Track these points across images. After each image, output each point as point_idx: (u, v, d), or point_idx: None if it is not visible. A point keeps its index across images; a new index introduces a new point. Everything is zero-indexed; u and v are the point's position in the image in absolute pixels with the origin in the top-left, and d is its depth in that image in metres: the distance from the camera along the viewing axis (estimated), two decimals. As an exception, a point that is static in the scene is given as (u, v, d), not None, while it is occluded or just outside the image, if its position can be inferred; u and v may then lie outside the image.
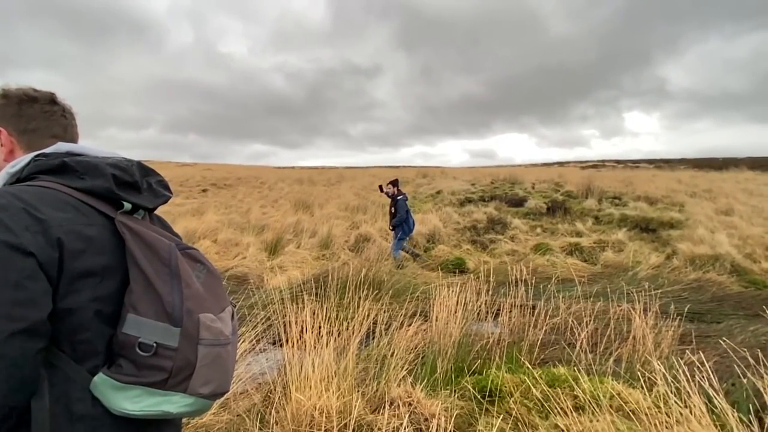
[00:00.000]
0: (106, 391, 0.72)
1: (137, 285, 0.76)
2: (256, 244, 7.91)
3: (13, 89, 0.91)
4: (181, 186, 22.36)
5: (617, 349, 2.78)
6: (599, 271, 6.48)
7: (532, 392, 2.18)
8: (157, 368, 0.73)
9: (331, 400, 1.77)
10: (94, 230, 0.76)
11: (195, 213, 11.75)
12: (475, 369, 2.46)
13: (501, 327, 3.12)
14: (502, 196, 14.67)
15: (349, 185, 22.11)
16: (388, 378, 2.07)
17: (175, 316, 0.75)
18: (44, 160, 0.82)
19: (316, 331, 2.24)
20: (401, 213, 6.67)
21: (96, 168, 0.81)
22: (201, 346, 0.77)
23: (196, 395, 0.77)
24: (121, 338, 0.74)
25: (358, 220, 10.42)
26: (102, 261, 0.76)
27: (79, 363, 0.72)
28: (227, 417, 1.96)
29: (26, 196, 0.73)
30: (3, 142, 0.89)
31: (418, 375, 2.40)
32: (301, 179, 27.17)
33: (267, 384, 2.17)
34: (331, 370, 1.95)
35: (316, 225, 9.54)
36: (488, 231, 9.64)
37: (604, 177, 19.62)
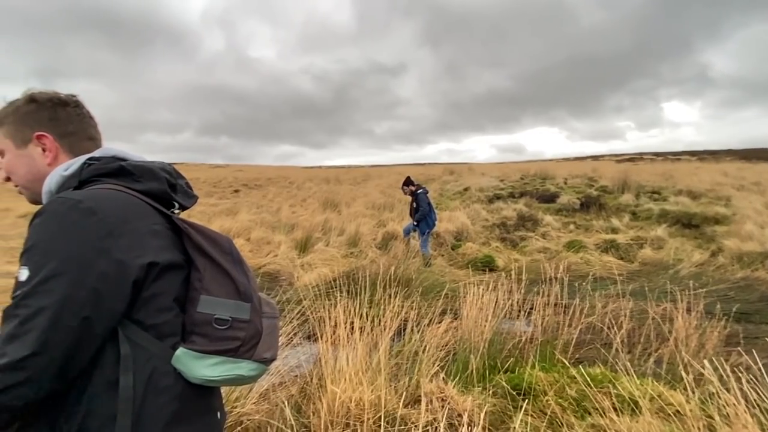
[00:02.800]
0: (188, 362, 0.80)
1: (207, 271, 0.85)
2: (287, 242, 8.14)
3: (39, 94, 0.92)
4: (215, 187, 23.25)
5: (657, 350, 2.68)
6: (637, 269, 6.21)
7: (566, 391, 2.15)
8: (231, 338, 0.82)
9: (365, 393, 1.83)
10: (160, 228, 0.84)
11: (228, 213, 12.23)
12: (508, 367, 2.45)
13: (533, 326, 3.08)
14: (532, 192, 14.30)
15: (375, 183, 22.22)
16: (420, 373, 2.10)
17: (247, 294, 0.85)
18: (99, 164, 0.87)
19: (349, 327, 2.31)
20: (423, 206, 6.64)
21: (151, 171, 0.89)
22: (264, 318, 0.88)
23: (260, 360, 0.86)
24: (196, 317, 0.82)
25: (385, 218, 10.49)
26: (171, 254, 0.84)
27: (161, 341, 0.81)
28: (267, 406, 2.06)
29: (107, 198, 0.79)
30: (49, 147, 0.90)
31: (449, 372, 2.42)
32: (328, 178, 27.60)
33: (303, 376, 2.26)
34: (364, 365, 2.01)
35: (343, 223, 9.68)
36: (518, 228, 9.44)
37: (642, 170, 18.69)
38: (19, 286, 0.71)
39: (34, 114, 0.89)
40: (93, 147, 0.94)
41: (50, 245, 0.72)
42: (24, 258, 0.72)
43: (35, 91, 0.91)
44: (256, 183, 25.44)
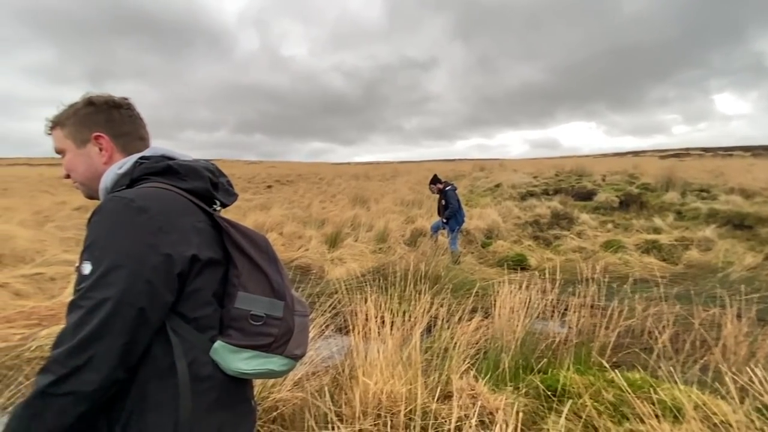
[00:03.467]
0: (225, 355, 0.86)
1: (244, 268, 0.89)
2: (318, 237, 8.32)
3: (96, 97, 0.97)
4: (249, 183, 24.06)
5: (703, 357, 2.54)
6: (681, 272, 5.87)
7: (603, 395, 2.10)
8: (265, 334, 0.87)
9: (396, 386, 1.86)
10: (203, 226, 0.89)
11: (262, 207, 12.64)
12: (540, 368, 2.41)
13: (568, 327, 3.00)
14: (568, 189, 13.79)
15: (404, 180, 22.20)
16: (450, 370, 2.11)
17: (280, 292, 0.90)
18: (149, 163, 0.92)
19: (379, 321, 2.35)
20: (453, 203, 6.57)
21: (195, 171, 0.93)
22: (296, 316, 0.92)
23: (291, 356, 0.91)
24: (234, 312, 0.87)
25: (414, 215, 10.47)
26: (212, 250, 0.89)
27: (201, 333, 0.86)
28: (301, 394, 2.15)
29: (157, 197, 0.84)
30: (105, 147, 0.95)
31: (480, 369, 2.41)
32: (357, 175, 27.85)
33: (335, 367, 2.33)
34: (395, 358, 2.05)
35: (372, 219, 9.77)
36: (552, 226, 9.15)
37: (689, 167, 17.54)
38: (83, 279, 0.77)
39: (92, 116, 0.95)
40: (143, 146, 0.99)
41: (108, 241, 0.78)
42: (86, 253, 0.78)
43: (93, 95, 0.97)
44: (288, 179, 26.10)
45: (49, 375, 0.73)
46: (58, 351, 0.74)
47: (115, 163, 0.93)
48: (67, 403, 0.73)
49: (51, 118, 0.97)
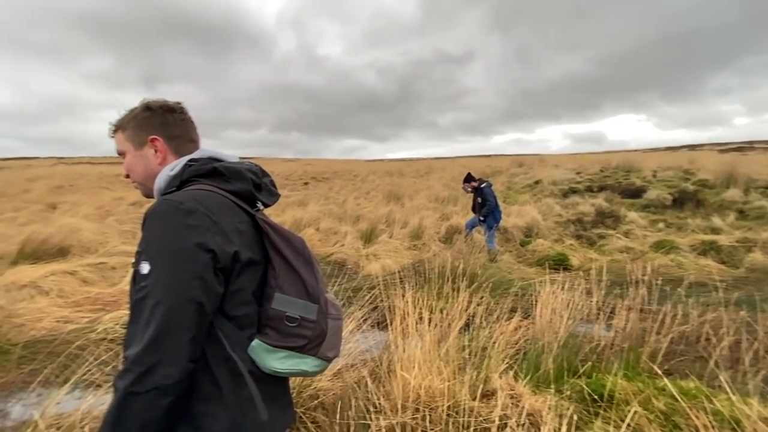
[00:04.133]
0: (260, 353, 0.90)
1: (281, 270, 0.93)
2: (353, 233, 8.46)
3: (153, 102, 1.04)
4: (287, 180, 24.80)
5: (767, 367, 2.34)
6: (743, 276, 5.40)
7: (653, 403, 1.99)
8: (299, 336, 0.91)
9: (434, 381, 1.88)
10: (245, 227, 0.94)
11: (299, 204, 13.02)
12: (584, 372, 2.32)
13: (615, 331, 2.87)
14: (614, 186, 13.07)
15: (438, 176, 21.98)
16: (489, 368, 2.09)
17: (315, 295, 0.93)
18: (197, 165, 0.97)
19: (417, 317, 2.37)
20: (490, 200, 6.43)
21: (239, 173, 0.97)
22: (329, 320, 0.95)
23: (324, 358, 0.94)
24: (270, 312, 0.91)
25: (449, 212, 10.36)
26: (252, 251, 0.93)
27: (241, 331, 0.90)
28: (340, 384, 2.22)
29: (204, 199, 0.88)
30: (159, 149, 1.01)
31: (519, 370, 2.37)
32: (391, 171, 27.90)
33: (373, 360, 2.38)
34: (433, 354, 2.06)
35: (406, 216, 9.78)
36: (596, 225, 8.72)
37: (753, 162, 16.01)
38: (143, 278, 0.82)
39: (149, 120, 1.01)
40: (193, 148, 1.05)
41: (162, 242, 0.83)
42: (143, 254, 0.83)
43: (150, 100, 1.04)
44: (324, 176, 26.62)
45: (130, 375, 0.78)
46: (134, 351, 0.79)
47: (169, 164, 0.99)
48: (152, 398, 0.78)
49: (113, 122, 1.04)
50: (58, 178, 20.67)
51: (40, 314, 4.19)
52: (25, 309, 4.23)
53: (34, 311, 4.22)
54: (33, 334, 3.78)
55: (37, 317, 4.13)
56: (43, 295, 4.70)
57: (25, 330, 3.83)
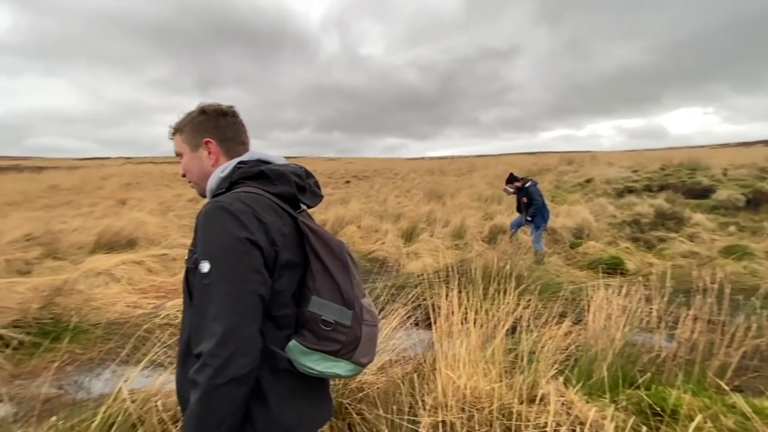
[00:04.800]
0: (296, 354, 0.94)
1: (318, 273, 0.96)
2: (393, 231, 8.50)
3: (208, 106, 1.08)
4: (329, 178, 25.37)
5: None
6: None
7: (721, 420, 1.83)
8: (333, 340, 0.93)
9: (480, 382, 1.85)
10: (287, 229, 0.96)
11: (341, 201, 13.30)
12: (642, 383, 2.18)
13: (677, 342, 2.66)
14: (677, 185, 12.05)
15: (481, 174, 21.45)
16: (537, 373, 2.03)
17: (349, 301, 0.95)
18: (246, 168, 1.01)
19: (462, 316, 2.35)
20: (537, 199, 6.17)
21: (283, 176, 1.01)
22: (364, 326, 0.96)
23: (357, 363, 0.96)
24: (307, 315, 0.94)
25: (492, 211, 10.09)
26: (293, 253, 0.97)
27: (279, 330, 0.94)
28: (384, 379, 2.25)
29: (251, 202, 0.93)
30: (212, 151, 1.06)
31: (569, 377, 2.27)
32: (432, 169, 27.64)
33: (417, 358, 2.40)
34: (478, 355, 2.03)
35: (448, 215, 9.66)
36: (656, 227, 8.10)
37: None
38: (204, 276, 0.86)
39: (204, 123, 1.06)
40: (243, 150, 1.09)
41: (217, 241, 0.87)
42: (202, 254, 0.88)
43: (205, 104, 1.08)
44: (364, 174, 26.94)
45: (208, 369, 0.81)
46: (207, 346, 0.82)
47: (221, 166, 1.04)
48: (232, 388, 0.82)
49: (172, 124, 1.10)
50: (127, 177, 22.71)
51: (113, 299, 4.65)
52: (101, 294, 4.72)
53: (109, 296, 4.70)
54: (108, 316, 4.21)
55: (111, 302, 4.58)
56: (115, 282, 5.20)
57: (101, 312, 4.27)
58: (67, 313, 3.99)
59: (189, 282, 0.95)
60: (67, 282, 4.58)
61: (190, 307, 0.94)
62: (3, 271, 5.83)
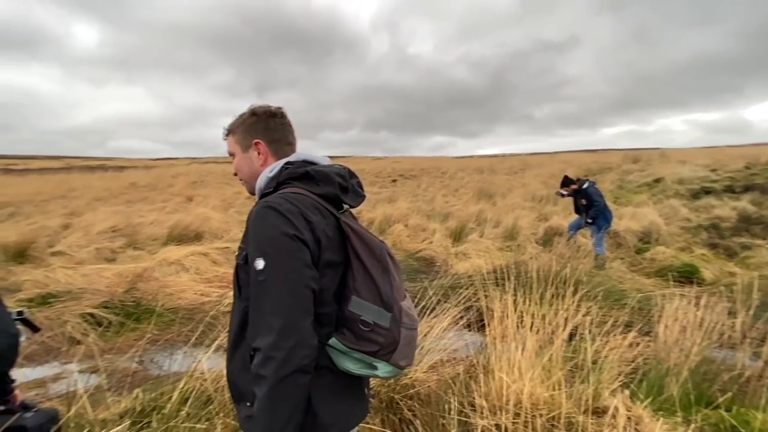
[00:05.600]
0: (336, 352, 0.96)
1: (359, 274, 0.97)
2: (441, 230, 8.42)
3: (258, 108, 1.11)
4: (376, 177, 25.65)
5: None
6: None
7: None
8: (372, 341, 0.94)
9: (537, 388, 1.80)
10: (330, 230, 0.98)
11: (388, 200, 13.41)
12: (722, 404, 1.98)
13: (765, 361, 2.38)
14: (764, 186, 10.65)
15: (535, 173, 20.49)
16: (599, 383, 1.92)
17: (388, 303, 0.95)
18: (292, 168, 1.03)
19: (517, 320, 2.28)
20: (598, 200, 5.77)
21: (327, 176, 1.02)
22: (403, 329, 0.96)
23: (396, 365, 0.97)
24: (347, 314, 0.96)
25: (548, 212, 9.62)
26: (335, 253, 0.99)
27: (320, 328, 0.95)
28: (435, 378, 2.26)
29: (298, 202, 0.95)
30: (262, 152, 1.09)
31: (635, 391, 2.12)
32: (481, 168, 26.91)
33: (469, 359, 2.37)
34: (534, 360, 1.97)
35: (499, 215, 9.36)
36: (739, 232, 7.24)
37: None
38: (260, 273, 0.89)
39: (255, 124, 1.09)
40: (290, 151, 1.11)
41: (269, 239, 0.90)
42: (256, 251, 0.91)
43: (255, 106, 1.12)
44: (411, 173, 26.89)
45: (273, 362, 0.84)
46: (268, 341, 0.86)
47: (269, 166, 1.07)
48: (297, 379, 0.85)
49: (226, 126, 1.15)
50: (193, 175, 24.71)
51: (183, 287, 5.10)
52: (173, 282, 5.20)
53: (179, 284, 5.16)
54: (179, 302, 4.63)
55: (181, 289, 5.03)
56: (185, 272, 5.70)
57: (173, 298, 4.71)
58: (146, 297, 4.46)
59: (239, 277, 0.99)
60: (146, 270, 5.11)
61: (239, 300, 0.99)
62: (94, 258, 6.64)
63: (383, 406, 2.14)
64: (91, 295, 4.34)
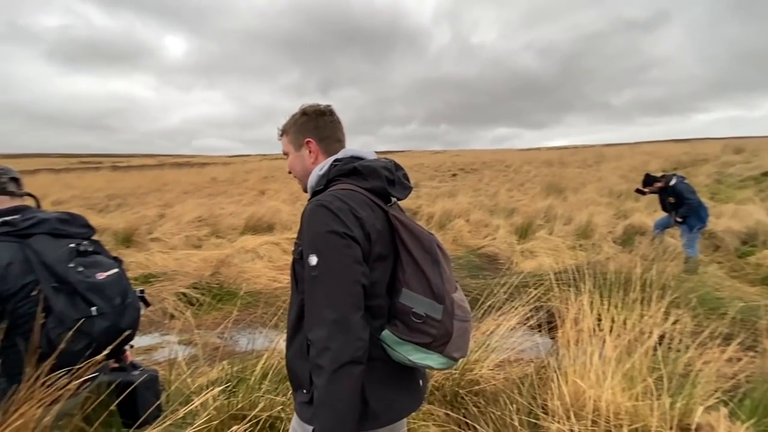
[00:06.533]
0: (390, 343, 0.98)
1: (408, 267, 0.98)
2: (505, 226, 8.09)
3: (308, 107, 1.15)
4: (435, 171, 25.28)
5: None
6: None
7: None
8: (424, 333, 0.95)
9: (617, 396, 1.68)
10: (380, 224, 1.00)
11: (449, 195, 13.20)
12: None
13: None
14: None
15: (612, 166, 18.73)
16: (691, 398, 1.74)
17: (439, 296, 0.95)
18: (340, 165, 1.06)
19: (594, 324, 2.14)
20: (690, 197, 5.08)
21: (375, 171, 1.04)
22: (455, 321, 0.96)
23: (449, 357, 0.96)
24: (398, 306, 0.97)
25: (627, 209, 8.77)
26: (385, 246, 1.00)
27: (373, 320, 0.98)
28: (502, 377, 2.21)
29: (348, 199, 0.98)
30: (312, 150, 1.12)
31: (735, 410, 1.88)
32: (550, 161, 25.23)
33: (538, 360, 2.28)
34: (615, 367, 1.84)
35: (570, 211, 8.75)
36: None
37: None
38: (313, 268, 0.93)
39: (305, 124, 1.13)
40: (339, 148, 1.14)
41: (321, 237, 0.94)
42: (309, 248, 0.95)
43: (306, 106, 1.15)
44: (472, 167, 26.06)
45: (329, 353, 0.88)
46: (322, 333, 0.90)
47: (319, 163, 1.10)
48: (352, 369, 0.89)
49: (280, 127, 1.19)
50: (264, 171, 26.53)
51: (258, 273, 5.55)
52: (249, 268, 5.68)
53: (255, 270, 5.62)
54: (255, 287, 5.06)
55: (256, 275, 5.49)
56: (259, 259, 6.19)
57: (250, 283, 5.16)
58: (227, 281, 4.94)
59: (295, 271, 1.03)
60: (227, 257, 5.65)
61: (296, 293, 1.03)
62: (183, 244, 7.50)
63: (447, 400, 2.15)
64: (182, 276, 4.93)
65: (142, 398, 1.44)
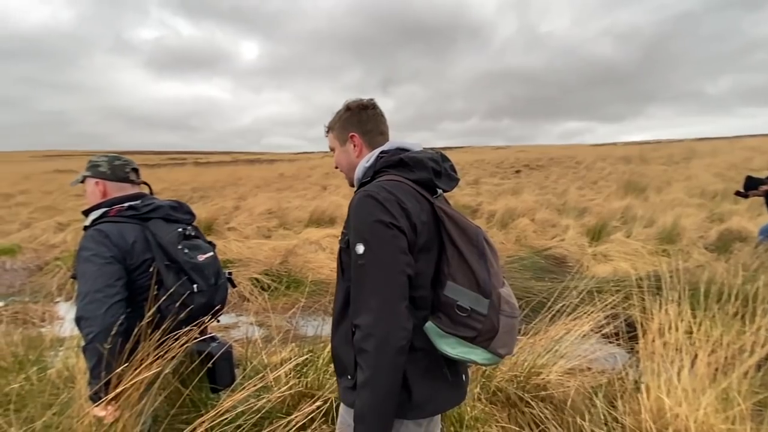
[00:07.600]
0: (433, 335, 0.97)
1: (453, 259, 0.96)
2: (575, 227, 7.56)
3: (352, 102, 1.16)
4: (497, 168, 24.33)
5: None
6: None
7: None
8: (469, 327, 0.92)
9: (710, 418, 1.52)
10: (426, 215, 0.99)
11: (512, 192, 12.64)
12: None
13: None
14: None
15: (705, 163, 16.55)
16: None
17: (485, 290, 0.92)
18: (387, 157, 1.07)
19: (683, 336, 1.94)
20: None
21: (421, 162, 1.04)
22: (502, 316, 0.92)
23: (495, 353, 0.93)
24: (443, 299, 0.96)
25: (724, 211, 7.71)
26: (430, 238, 0.99)
27: (417, 311, 0.98)
28: (571, 384, 2.10)
29: (394, 190, 0.98)
30: (357, 144, 1.14)
31: None
32: (628, 157, 22.96)
33: (613, 371, 2.13)
34: (706, 385, 1.65)
35: (653, 212, 7.91)
36: None
37: None
38: (360, 257, 0.95)
39: (349, 119, 1.15)
40: (383, 140, 1.15)
41: (368, 227, 0.95)
42: (356, 237, 0.96)
43: (350, 101, 1.17)
44: (538, 163, 24.62)
45: (373, 338, 0.91)
46: (368, 320, 0.92)
47: (364, 156, 1.13)
48: (395, 355, 0.91)
49: (326, 124, 1.22)
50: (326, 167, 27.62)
51: (321, 264, 5.83)
52: (313, 258, 5.99)
53: (318, 261, 5.92)
54: (319, 276, 5.33)
55: (320, 266, 5.77)
56: (321, 251, 6.49)
57: (314, 272, 5.45)
58: (294, 269, 5.27)
59: (342, 260, 1.06)
60: (294, 247, 6.01)
61: (342, 281, 1.06)
62: (255, 234, 8.12)
63: (510, 402, 2.10)
64: (255, 263, 5.36)
65: (220, 367, 1.62)
